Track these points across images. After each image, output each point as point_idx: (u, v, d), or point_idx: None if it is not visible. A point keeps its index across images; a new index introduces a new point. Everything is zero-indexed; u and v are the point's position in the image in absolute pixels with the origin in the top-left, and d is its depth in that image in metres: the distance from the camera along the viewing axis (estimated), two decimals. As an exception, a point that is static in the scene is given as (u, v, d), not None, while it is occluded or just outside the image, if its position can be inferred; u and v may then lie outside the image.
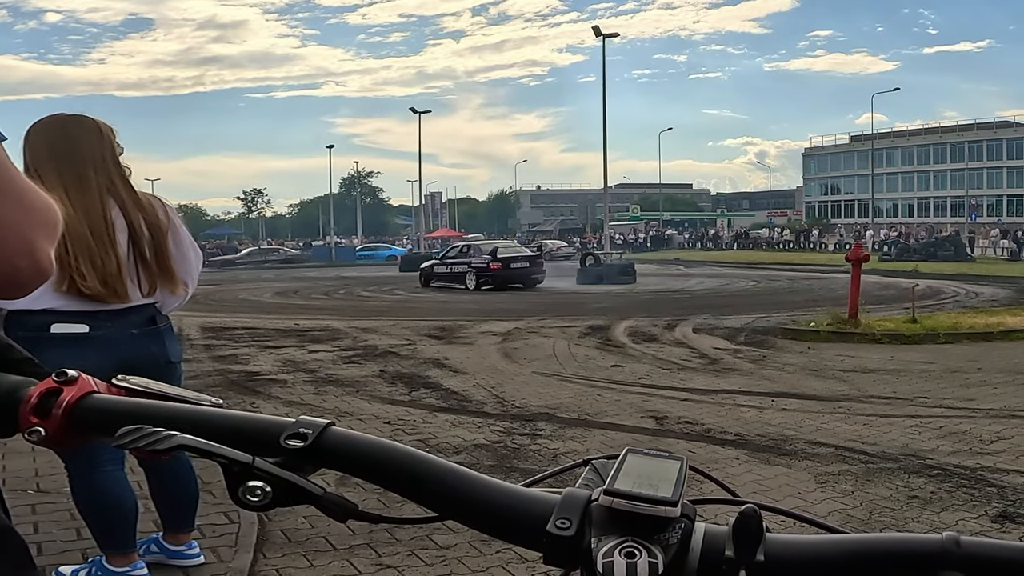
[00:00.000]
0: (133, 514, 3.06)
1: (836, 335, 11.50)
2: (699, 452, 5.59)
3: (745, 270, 33.27)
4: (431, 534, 4.02)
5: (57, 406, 0.62)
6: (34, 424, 0.62)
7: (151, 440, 0.56)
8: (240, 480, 0.55)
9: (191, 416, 0.61)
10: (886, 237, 50.33)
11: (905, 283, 19.02)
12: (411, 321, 14.87)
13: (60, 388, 0.63)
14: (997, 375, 8.55)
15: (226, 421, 0.61)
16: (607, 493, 0.54)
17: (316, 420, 0.59)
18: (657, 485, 0.55)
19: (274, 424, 0.60)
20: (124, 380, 0.65)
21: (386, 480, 0.59)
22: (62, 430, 0.62)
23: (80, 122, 2.95)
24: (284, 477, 0.56)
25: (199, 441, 0.56)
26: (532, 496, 0.57)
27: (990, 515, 4.28)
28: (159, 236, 2.98)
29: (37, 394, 0.63)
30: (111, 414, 0.62)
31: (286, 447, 0.58)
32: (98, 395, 0.64)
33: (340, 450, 0.59)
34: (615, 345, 11.24)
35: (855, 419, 6.53)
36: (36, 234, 0.85)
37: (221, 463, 0.56)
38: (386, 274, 35.17)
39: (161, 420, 0.59)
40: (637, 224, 76.72)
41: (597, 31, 33.63)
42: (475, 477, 0.58)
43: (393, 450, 0.59)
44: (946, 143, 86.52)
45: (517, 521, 0.56)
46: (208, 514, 4.09)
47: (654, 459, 0.58)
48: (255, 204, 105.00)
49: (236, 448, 0.56)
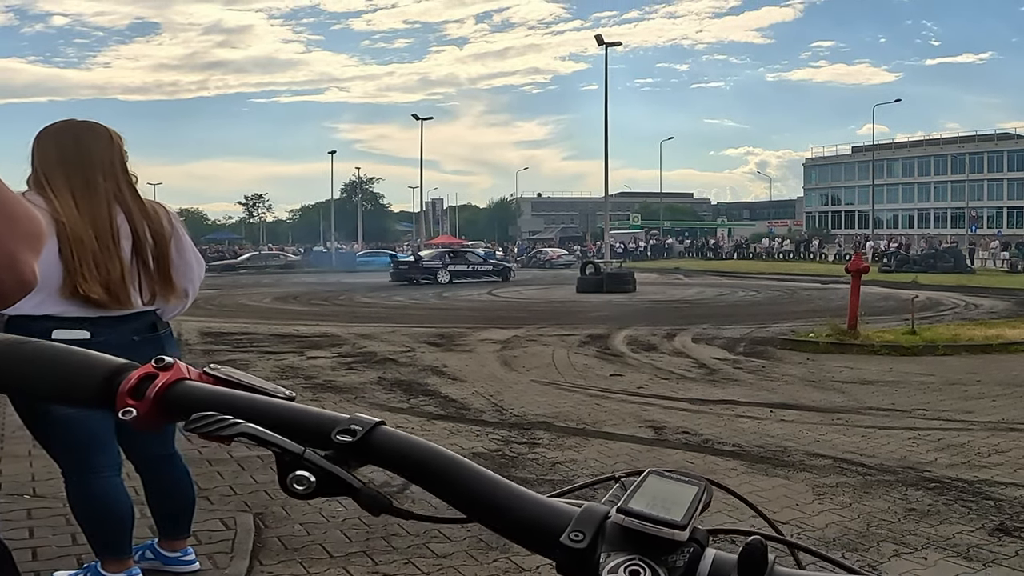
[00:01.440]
0: (129, 520, 3.06)
1: (835, 346, 11.49)
2: (697, 462, 5.59)
3: (745, 280, 33.28)
4: (428, 542, 4.02)
5: (151, 390, 0.67)
6: (128, 405, 0.67)
7: (217, 426, 0.61)
8: (290, 469, 0.59)
9: (259, 406, 0.66)
10: (886, 248, 50.31)
11: (904, 294, 19.03)
12: (410, 328, 14.87)
13: (156, 373, 0.68)
14: (996, 388, 8.54)
15: (288, 413, 0.65)
16: (619, 511, 0.56)
17: (367, 418, 0.63)
18: (670, 508, 0.56)
19: (328, 419, 0.64)
20: (215, 370, 0.70)
21: (423, 479, 0.62)
22: (150, 412, 0.67)
23: (91, 128, 2.96)
24: (329, 469, 0.59)
25: (258, 430, 0.61)
26: (553, 507, 0.60)
27: (987, 528, 4.27)
28: (162, 243, 2.99)
29: (136, 377, 0.68)
30: (191, 400, 0.66)
31: (336, 441, 0.62)
32: (185, 382, 0.68)
33: (385, 448, 0.62)
34: (614, 354, 11.24)
35: (853, 431, 6.52)
36: (18, 246, 0.84)
37: (275, 452, 0.60)
38: (386, 280, 35.19)
39: (232, 408, 0.64)
40: (637, 233, 76.78)
41: (600, 40, 33.74)
42: (503, 484, 0.61)
43: (433, 451, 0.63)
44: (947, 155, 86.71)
45: (535, 529, 0.59)
46: (204, 520, 4.08)
47: (673, 483, 0.59)
48: (256, 209, 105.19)
49: (292, 439, 0.60)
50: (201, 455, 5.47)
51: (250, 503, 4.61)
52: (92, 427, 2.90)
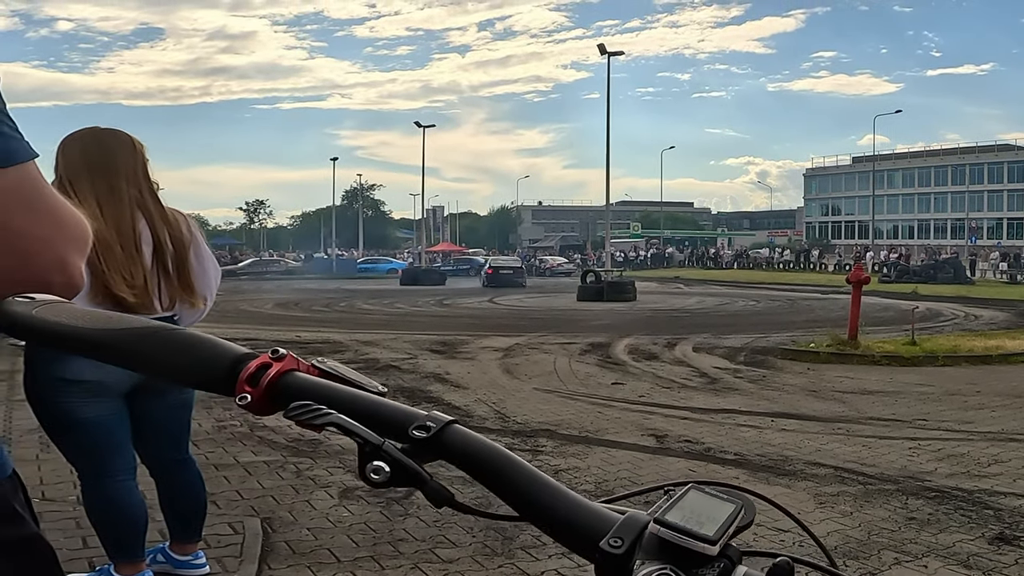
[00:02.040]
0: (143, 523, 3.11)
1: (836, 356, 11.53)
2: (699, 471, 5.63)
3: (745, 289, 33.32)
4: (434, 548, 4.06)
5: (264, 378, 0.72)
6: (245, 391, 0.72)
7: (311, 415, 0.66)
8: (369, 459, 0.63)
9: (350, 399, 0.70)
10: (886, 259, 50.38)
11: (905, 305, 19.09)
12: (412, 335, 14.91)
13: (270, 363, 0.73)
14: (995, 398, 8.59)
15: (374, 407, 0.70)
16: (655, 521, 0.60)
17: (442, 416, 0.68)
18: (704, 523, 0.59)
19: (407, 414, 0.69)
20: (322, 363, 0.75)
21: (484, 477, 0.66)
22: (262, 399, 0.72)
23: (115, 135, 3.01)
24: (402, 461, 0.64)
25: (346, 420, 0.65)
26: (598, 512, 0.63)
27: (987, 537, 4.31)
28: (181, 250, 3.04)
29: (255, 366, 0.73)
30: (295, 390, 0.71)
31: (412, 436, 0.66)
32: (294, 373, 0.73)
33: (454, 445, 0.67)
34: (616, 363, 11.28)
35: (854, 440, 6.57)
36: (68, 249, 0.89)
37: (357, 442, 0.64)
38: (387, 287, 35.24)
39: (328, 399, 0.69)
40: (638, 242, 76.82)
41: (602, 49, 33.81)
42: (555, 487, 0.65)
43: (496, 452, 0.67)
44: (947, 165, 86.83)
45: (579, 532, 0.63)
46: (212, 524, 4.12)
47: (713, 499, 0.62)
48: (257, 215, 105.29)
49: (375, 431, 0.65)
50: (207, 460, 5.52)
51: (257, 508, 4.65)
52: (109, 431, 2.95)
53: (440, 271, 45.74)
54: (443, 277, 41.90)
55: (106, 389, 2.91)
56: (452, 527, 4.33)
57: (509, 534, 4.21)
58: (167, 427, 3.18)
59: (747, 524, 0.62)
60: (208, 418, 6.97)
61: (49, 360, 2.85)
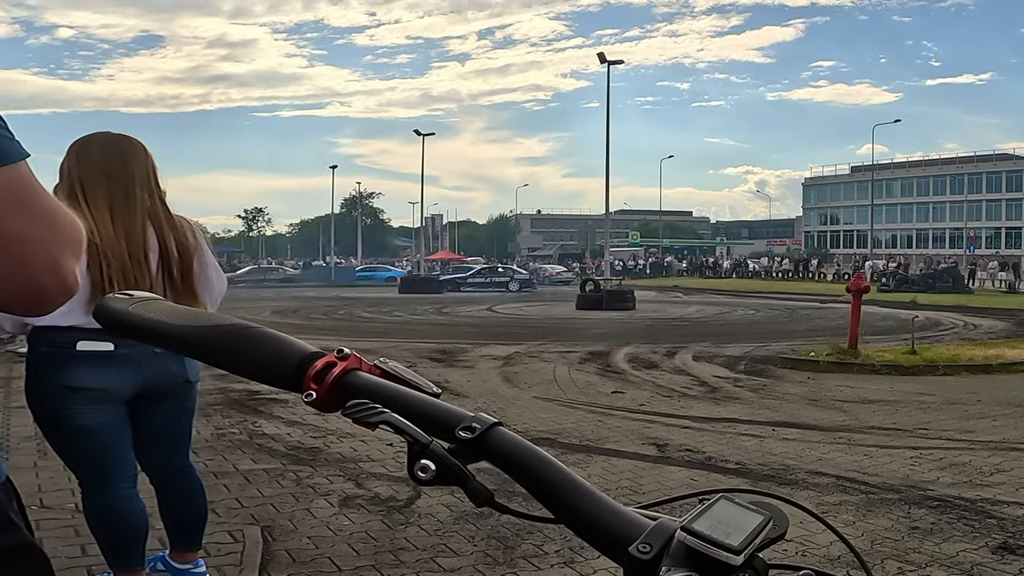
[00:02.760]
0: (143, 532, 3.08)
1: (836, 365, 11.52)
2: (700, 480, 5.62)
3: (744, 299, 33.32)
4: (435, 556, 4.04)
5: (329, 376, 0.75)
6: (311, 388, 0.75)
7: (366, 413, 0.69)
8: (418, 457, 0.65)
9: (404, 399, 0.73)
10: (885, 268, 50.40)
11: (904, 314, 19.09)
12: (411, 343, 14.90)
13: (335, 362, 0.76)
14: (996, 407, 8.57)
15: (425, 407, 0.72)
16: (683, 529, 0.61)
17: (487, 418, 0.69)
18: (730, 533, 0.60)
19: (456, 415, 0.70)
20: (384, 363, 0.78)
21: (524, 479, 0.67)
22: (326, 396, 0.75)
23: (131, 141, 2.99)
24: (447, 461, 0.65)
25: (398, 419, 0.67)
26: (630, 518, 0.65)
27: (990, 546, 4.30)
28: (187, 257, 3.02)
29: (321, 364, 0.76)
30: (355, 388, 0.74)
31: (458, 436, 0.68)
32: (356, 372, 0.76)
33: (497, 446, 0.68)
34: (615, 371, 11.27)
35: (855, 449, 6.55)
36: (62, 251, 0.87)
37: (407, 440, 0.66)
38: (386, 295, 35.21)
39: (384, 398, 0.72)
40: (636, 251, 76.87)
41: (602, 58, 33.82)
42: (591, 491, 0.66)
43: (537, 455, 0.68)
44: (945, 175, 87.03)
45: (610, 536, 0.64)
46: (212, 533, 4.10)
47: (742, 509, 0.63)
48: (256, 222, 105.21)
49: (425, 431, 0.66)
50: (207, 468, 5.50)
51: (257, 516, 4.63)
52: (110, 438, 2.93)
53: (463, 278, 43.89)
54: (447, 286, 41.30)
55: (109, 396, 2.89)
56: (453, 536, 4.31)
57: (511, 543, 4.19)
58: (168, 435, 3.16)
59: (779, 536, 0.63)
60: (208, 426, 6.94)
61: (53, 367, 2.83)
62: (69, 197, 2.86)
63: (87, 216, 2.81)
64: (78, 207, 2.82)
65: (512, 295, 37.59)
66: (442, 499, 4.85)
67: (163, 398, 3.05)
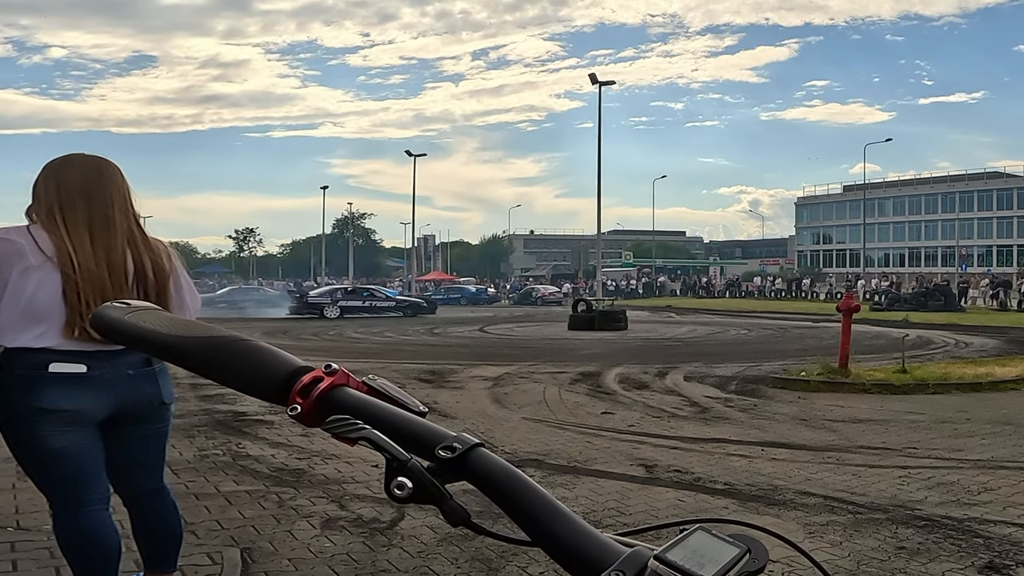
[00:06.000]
0: (116, 554, 3.03)
1: (826, 385, 11.50)
2: (689, 501, 5.58)
3: (737, 318, 33.35)
4: (416, 579, 3.99)
5: (315, 391, 0.75)
6: (296, 402, 0.75)
7: (346, 429, 0.69)
8: (395, 474, 0.65)
9: (387, 416, 0.73)
10: (877, 286, 50.50)
11: (895, 333, 19.09)
12: (401, 364, 14.85)
13: (323, 377, 0.76)
14: (985, 426, 8.56)
15: (408, 425, 0.72)
16: (655, 558, 0.60)
17: (469, 438, 0.69)
18: (704, 564, 0.60)
19: (437, 434, 0.70)
20: (372, 380, 0.78)
21: (502, 500, 0.67)
22: (310, 411, 0.75)
23: (108, 164, 2.98)
24: (424, 479, 0.65)
25: (378, 436, 0.67)
26: (605, 544, 0.64)
27: (977, 566, 4.27)
28: (162, 280, 3.00)
29: (309, 379, 0.76)
30: (338, 404, 0.74)
31: (438, 455, 0.68)
32: (343, 388, 0.76)
33: (477, 467, 0.68)
34: (606, 392, 11.23)
35: (844, 469, 6.52)
36: None
37: (386, 457, 0.66)
38: (378, 315, 35.14)
39: (367, 415, 0.72)
40: (629, 271, 76.97)
41: (593, 78, 34.06)
42: (568, 516, 0.66)
43: (516, 477, 0.68)
44: (937, 193, 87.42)
45: (584, 562, 0.63)
46: (190, 555, 4.06)
47: (718, 541, 0.63)
48: (247, 243, 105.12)
49: (405, 449, 0.66)
50: (188, 489, 5.45)
51: (237, 538, 4.57)
52: (83, 460, 2.89)
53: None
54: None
55: (81, 418, 2.85)
56: (436, 558, 4.27)
57: (495, 565, 4.15)
58: (142, 457, 3.12)
59: (758, 569, 0.62)
60: (190, 447, 6.88)
61: (25, 388, 2.79)
62: (47, 219, 2.84)
63: (65, 239, 2.78)
64: (57, 229, 2.80)
65: (505, 315, 37.52)
66: (426, 521, 4.80)
67: (137, 420, 3.01)
